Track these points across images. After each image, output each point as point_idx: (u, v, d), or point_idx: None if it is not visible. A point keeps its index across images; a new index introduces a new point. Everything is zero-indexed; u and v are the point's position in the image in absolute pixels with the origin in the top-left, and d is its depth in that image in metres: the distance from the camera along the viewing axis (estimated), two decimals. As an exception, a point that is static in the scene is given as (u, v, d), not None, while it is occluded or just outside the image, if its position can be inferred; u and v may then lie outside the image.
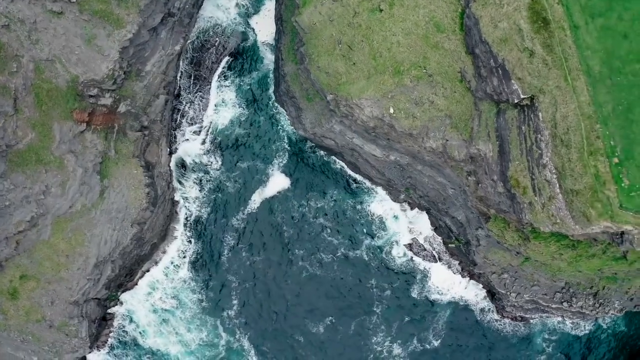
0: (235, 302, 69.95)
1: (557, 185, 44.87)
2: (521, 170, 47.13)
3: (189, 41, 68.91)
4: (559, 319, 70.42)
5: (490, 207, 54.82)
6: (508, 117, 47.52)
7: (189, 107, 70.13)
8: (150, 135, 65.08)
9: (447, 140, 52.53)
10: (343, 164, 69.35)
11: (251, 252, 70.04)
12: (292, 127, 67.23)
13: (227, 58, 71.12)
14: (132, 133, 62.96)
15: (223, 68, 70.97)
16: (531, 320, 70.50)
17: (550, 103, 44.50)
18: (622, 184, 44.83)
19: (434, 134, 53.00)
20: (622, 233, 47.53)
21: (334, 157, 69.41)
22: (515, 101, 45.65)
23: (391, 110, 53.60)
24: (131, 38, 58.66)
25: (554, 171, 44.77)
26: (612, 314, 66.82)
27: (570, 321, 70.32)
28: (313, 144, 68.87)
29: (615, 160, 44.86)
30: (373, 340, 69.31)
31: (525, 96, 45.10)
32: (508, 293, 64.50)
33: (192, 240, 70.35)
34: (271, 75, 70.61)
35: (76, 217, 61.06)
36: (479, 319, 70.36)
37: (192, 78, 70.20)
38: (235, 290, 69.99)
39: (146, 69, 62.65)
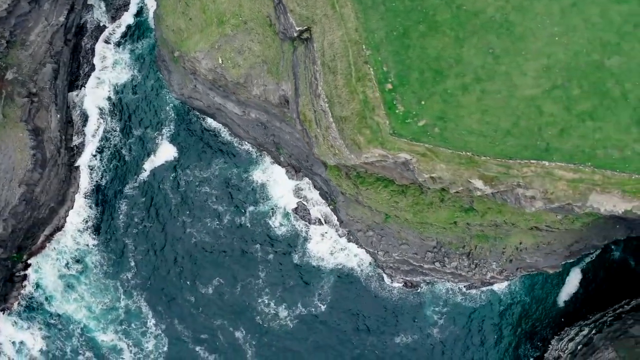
0: (132, 265, 72.37)
1: (330, 114, 44.39)
2: (307, 104, 46.98)
3: (83, 13, 73.46)
4: (449, 285, 67.91)
5: (322, 154, 54.53)
6: (298, 54, 47.73)
7: (83, 72, 74.20)
8: (39, 101, 69.45)
9: (266, 86, 53.15)
10: (228, 132, 70.68)
11: (143, 219, 72.46)
12: (168, 91, 69.79)
13: (122, 28, 74.79)
14: (20, 99, 67.48)
15: (118, 38, 74.63)
16: (420, 287, 68.38)
17: (320, 32, 44.54)
18: (396, 111, 43.71)
19: (256, 81, 53.85)
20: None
21: (220, 125, 70.89)
22: (295, 35, 45.96)
23: (220, 61, 55.02)
24: (7, 9, 63.62)
25: (325, 100, 44.39)
26: (491, 276, 63.89)
27: (457, 286, 67.61)
28: (194, 109, 70.90)
29: (389, 86, 43.83)
30: (259, 302, 69.61)
31: (301, 28, 45.38)
32: (376, 252, 63.25)
33: (93, 206, 73.70)
34: (160, 43, 73.73)
35: (-36, 176, 66.03)
36: (365, 284, 69.11)
37: (84, 45, 74.42)
38: (132, 254, 72.39)
39: (30, 39, 67.37)
